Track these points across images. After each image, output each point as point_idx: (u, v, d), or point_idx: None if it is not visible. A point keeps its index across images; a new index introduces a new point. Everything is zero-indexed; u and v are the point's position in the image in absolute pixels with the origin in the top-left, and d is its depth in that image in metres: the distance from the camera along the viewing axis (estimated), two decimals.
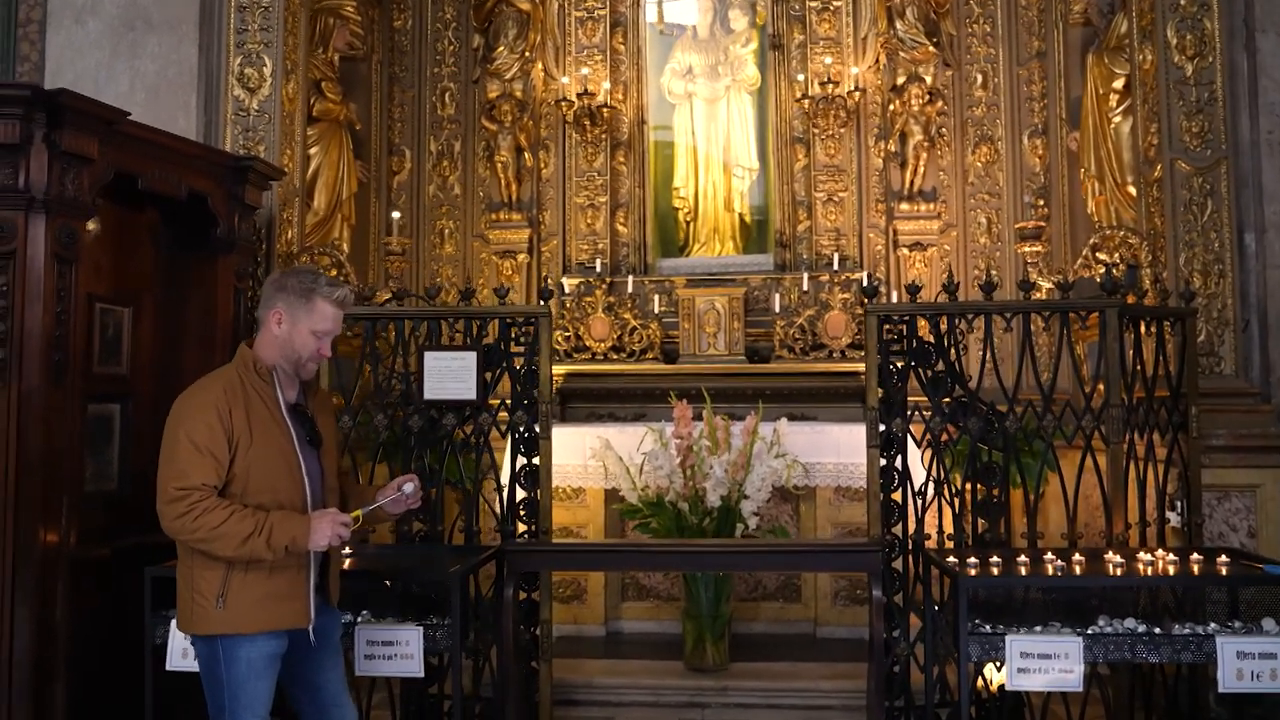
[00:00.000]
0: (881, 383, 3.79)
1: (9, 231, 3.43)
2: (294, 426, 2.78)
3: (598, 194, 6.53)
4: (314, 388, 2.95)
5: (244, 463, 2.68)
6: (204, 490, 2.60)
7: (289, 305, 2.79)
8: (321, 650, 2.89)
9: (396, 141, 6.61)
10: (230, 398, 2.71)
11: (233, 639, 2.67)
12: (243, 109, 4.85)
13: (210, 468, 2.62)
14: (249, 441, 2.69)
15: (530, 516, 3.93)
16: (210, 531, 2.58)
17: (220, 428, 2.66)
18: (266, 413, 2.75)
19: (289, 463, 2.74)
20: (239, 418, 2.69)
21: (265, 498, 2.68)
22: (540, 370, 3.92)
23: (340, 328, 2.89)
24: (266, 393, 2.76)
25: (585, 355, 6.19)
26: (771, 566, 3.55)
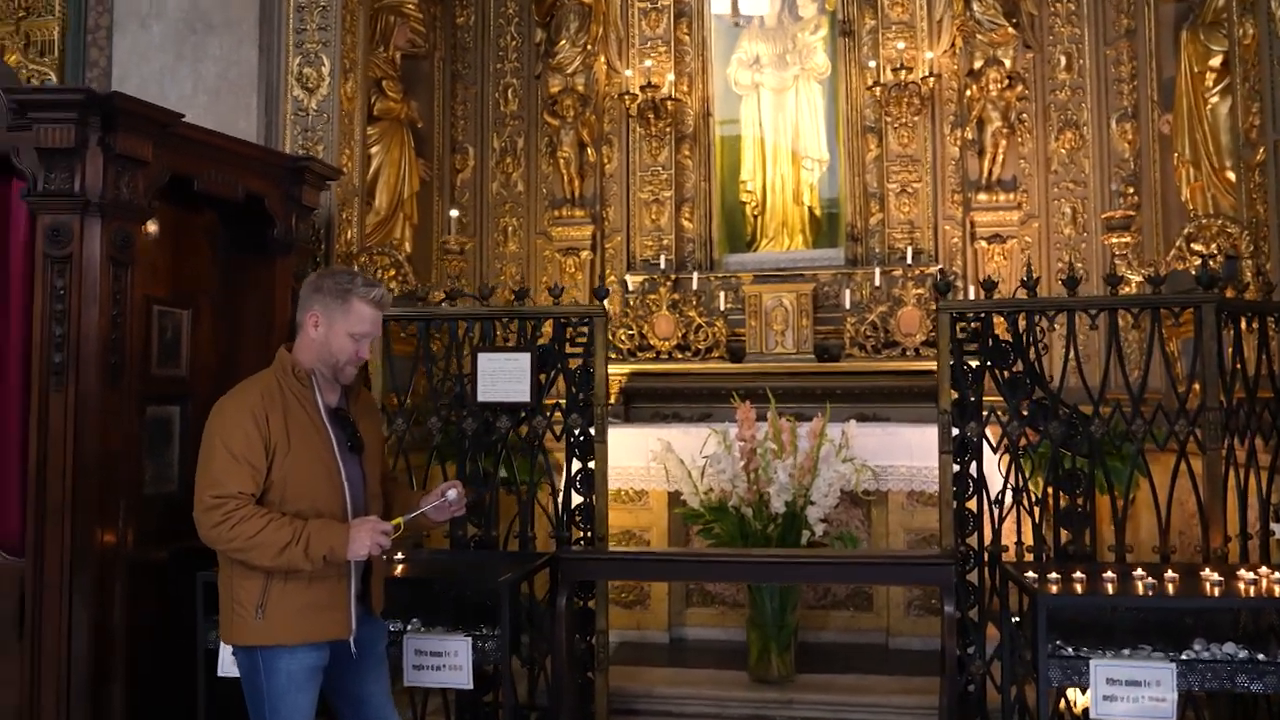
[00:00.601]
0: (955, 384, 3.57)
1: (65, 235, 3.44)
2: (334, 432, 2.70)
3: (662, 189, 6.38)
4: (356, 391, 2.87)
5: (282, 470, 2.61)
6: (240, 499, 2.54)
7: (325, 307, 2.72)
8: (365, 661, 2.81)
9: (459, 139, 6.57)
10: (268, 403, 2.64)
11: (272, 650, 2.60)
12: (302, 109, 4.84)
13: (247, 475, 2.56)
14: (286, 448, 2.62)
15: (586, 523, 3.81)
16: (247, 541, 2.52)
17: (257, 434, 2.59)
18: (305, 418, 2.67)
19: (328, 469, 2.66)
20: (276, 424, 2.62)
21: (304, 505, 2.61)
22: (595, 371, 3.80)
23: (379, 329, 2.80)
24: (306, 397, 2.69)
25: (649, 354, 6.06)
26: (835, 579, 3.37)
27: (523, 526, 3.85)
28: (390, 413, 3.95)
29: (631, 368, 6.02)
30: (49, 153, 3.42)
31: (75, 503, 3.40)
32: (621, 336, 6.08)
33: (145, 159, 3.61)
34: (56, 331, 3.45)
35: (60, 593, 3.37)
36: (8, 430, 3.54)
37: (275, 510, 2.58)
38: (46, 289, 3.44)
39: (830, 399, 5.67)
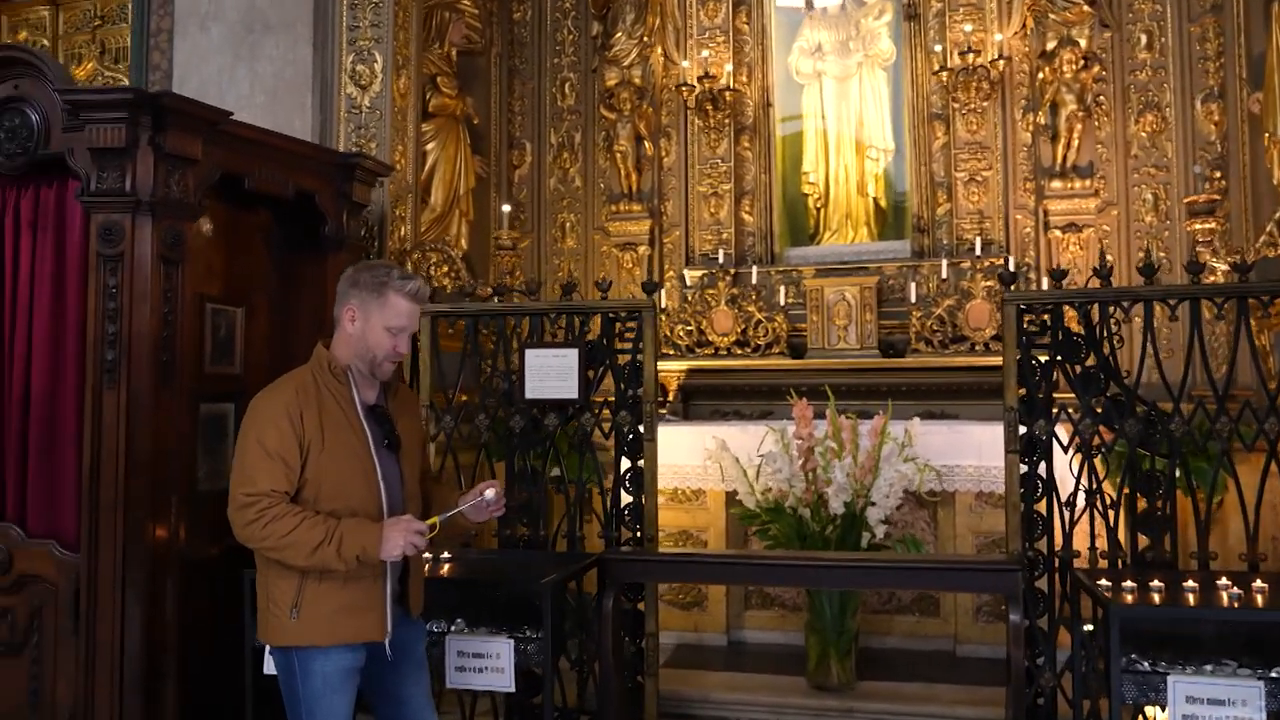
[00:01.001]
0: (1022, 380, 3.38)
1: (117, 234, 3.47)
2: (370, 429, 2.65)
3: (721, 182, 6.25)
4: (394, 387, 2.82)
5: (316, 467, 2.56)
6: (273, 497, 2.49)
7: (362, 301, 2.66)
8: (404, 663, 2.76)
9: (517, 135, 6.53)
10: (302, 400, 2.59)
11: (307, 651, 2.56)
12: (355, 106, 4.83)
13: (280, 473, 2.51)
14: (321, 445, 2.56)
15: (635, 523, 3.71)
16: (280, 540, 2.47)
17: (291, 432, 2.54)
18: (341, 415, 2.62)
19: (363, 467, 2.61)
20: (311, 421, 2.57)
21: (338, 504, 2.56)
22: (644, 367, 3.70)
23: (416, 323, 2.74)
24: (341, 394, 2.64)
25: (708, 350, 5.93)
26: (893, 584, 3.21)
27: (571, 526, 3.77)
28: (438, 410, 3.91)
29: (689, 364, 5.91)
30: (101, 152, 3.45)
31: (128, 499, 3.42)
32: (680, 333, 5.96)
33: (195, 157, 3.62)
34: (109, 329, 3.49)
35: (113, 588, 3.40)
36: (65, 427, 3.59)
37: (310, 509, 2.53)
38: (99, 287, 3.48)
39: (895, 396, 5.47)
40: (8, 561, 3.53)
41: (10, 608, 3.56)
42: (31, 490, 3.60)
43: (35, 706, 3.50)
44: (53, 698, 3.48)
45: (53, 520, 3.57)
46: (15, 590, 3.53)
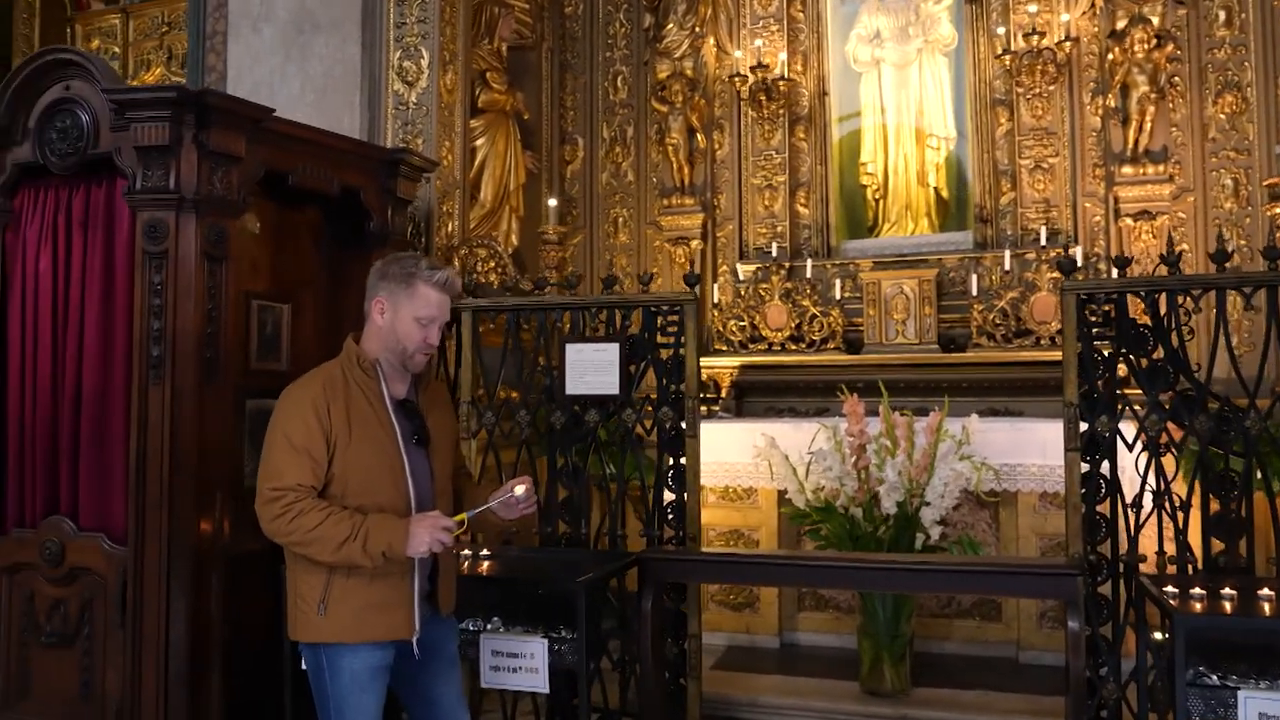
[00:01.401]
0: (1083, 374, 3.19)
1: (161, 231, 3.50)
2: (399, 424, 2.61)
3: (775, 173, 6.11)
4: (426, 382, 2.78)
5: (343, 462, 2.53)
6: (299, 491, 2.47)
7: (391, 293, 2.63)
8: (434, 662, 2.72)
9: (569, 130, 6.49)
10: (330, 394, 2.56)
11: (335, 648, 2.53)
12: (402, 103, 4.83)
13: (307, 468, 2.49)
14: (348, 440, 2.53)
15: (677, 521, 3.62)
16: (306, 534, 2.45)
17: (318, 426, 2.52)
18: (369, 409, 2.58)
19: (391, 462, 2.57)
20: (338, 415, 2.54)
21: (365, 500, 2.53)
22: (686, 361, 3.61)
23: (447, 314, 2.69)
24: (370, 388, 2.61)
25: (761, 346, 5.80)
26: (944, 588, 3.06)
27: (612, 524, 3.69)
28: (479, 407, 3.88)
29: (742, 360, 5.79)
30: (145, 150, 3.48)
31: (172, 494, 3.45)
32: (732, 328, 5.85)
33: (238, 154, 3.64)
34: (154, 326, 3.51)
35: (158, 582, 3.43)
36: (115, 423, 3.63)
37: (337, 504, 2.51)
38: (144, 284, 3.51)
39: (956, 392, 5.30)
40: (60, 554, 3.59)
41: (64, 599, 3.62)
42: (83, 485, 3.66)
43: (86, 697, 3.56)
44: (103, 689, 3.53)
45: (103, 514, 3.62)
46: (68, 582, 3.58)
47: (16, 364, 3.76)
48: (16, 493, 3.74)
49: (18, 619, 3.67)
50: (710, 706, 3.95)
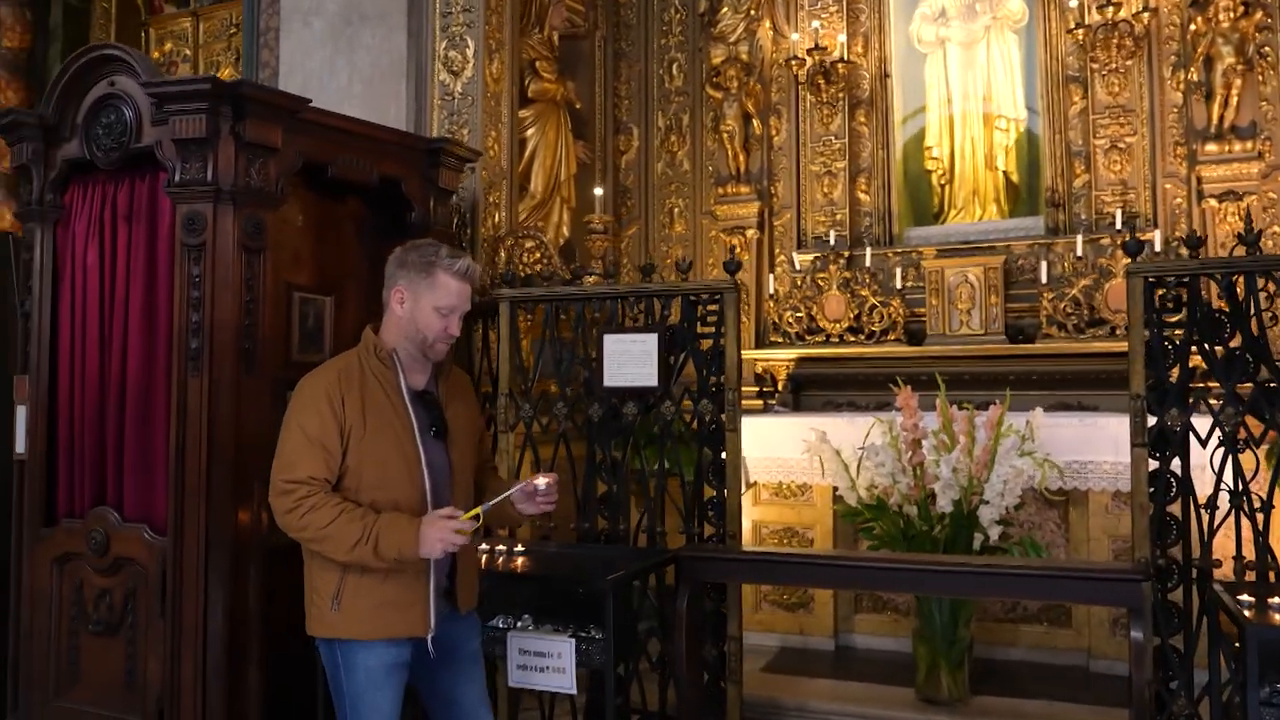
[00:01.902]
0: (1151, 363, 2.96)
1: (199, 223, 3.50)
2: (416, 415, 2.53)
3: (835, 159, 5.91)
4: (447, 373, 2.70)
5: (357, 455, 2.46)
6: (312, 485, 2.41)
7: (410, 282, 2.56)
8: (455, 661, 2.64)
9: (623, 119, 6.38)
10: (345, 384, 2.50)
11: (349, 644, 2.48)
12: (448, 93, 4.79)
13: (320, 460, 2.43)
14: (362, 431, 2.47)
15: (717, 519, 3.49)
16: (318, 532, 2.40)
17: (332, 417, 2.46)
18: (385, 400, 2.51)
19: (405, 455, 2.50)
20: (353, 406, 2.48)
21: (380, 493, 2.46)
22: (726, 352, 3.47)
23: (467, 303, 2.61)
24: (387, 379, 2.54)
25: (819, 338, 5.61)
26: (996, 592, 2.85)
27: (650, 521, 3.58)
28: (517, 399, 3.80)
29: (799, 352, 5.61)
30: (183, 143, 3.49)
31: (210, 485, 3.45)
32: (789, 319, 5.67)
33: (275, 146, 3.63)
34: (193, 318, 3.52)
35: (197, 573, 3.43)
36: (158, 414, 3.66)
37: (352, 497, 2.45)
38: (183, 276, 3.52)
39: (1024, 385, 5.05)
40: (105, 544, 3.62)
41: (109, 589, 3.66)
42: (128, 475, 3.69)
43: (130, 686, 3.59)
44: (145, 678, 3.55)
45: (147, 505, 3.64)
46: (112, 572, 3.62)
47: (66, 356, 3.82)
48: (66, 483, 3.80)
49: (68, 608, 3.72)
50: (755, 710, 3.81)
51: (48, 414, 3.83)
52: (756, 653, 4.71)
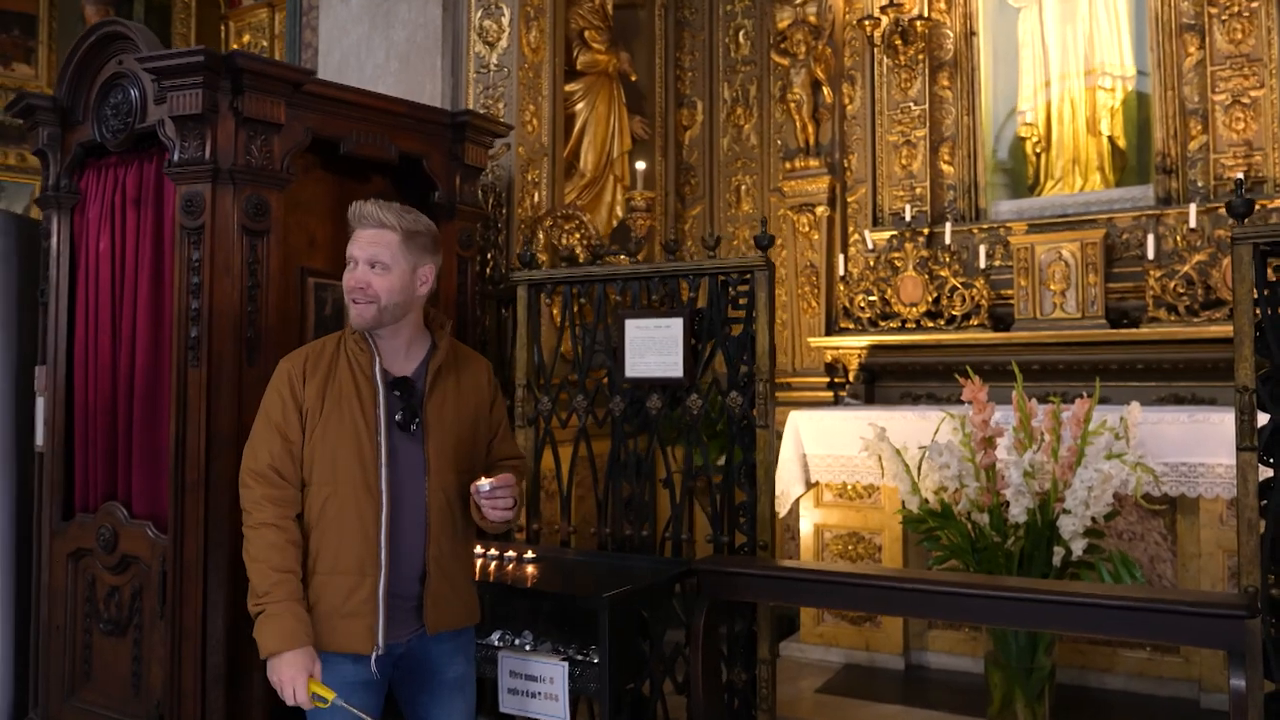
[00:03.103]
0: (1262, 349, 2.43)
1: (197, 205, 3.30)
2: (386, 403, 2.24)
3: (914, 128, 5.38)
4: (448, 357, 2.34)
5: (310, 445, 2.21)
6: (269, 483, 2.19)
7: None
8: (434, 687, 2.33)
9: (686, 92, 5.98)
10: (311, 366, 2.27)
11: None
12: (483, 65, 4.50)
13: (279, 448, 2.21)
14: (317, 417, 2.22)
15: (749, 526, 3.10)
16: (247, 553, 2.18)
17: (292, 401, 2.23)
18: (351, 386, 2.24)
19: (360, 449, 2.19)
20: (312, 389, 2.23)
21: (327, 491, 2.20)
22: (758, 338, 3.07)
23: (376, 250, 2.24)
24: (361, 362, 2.26)
25: (893, 323, 5.12)
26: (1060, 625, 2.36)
27: (675, 528, 3.21)
28: (536, 392, 3.49)
29: (871, 340, 5.12)
30: (182, 120, 3.29)
31: (209, 481, 3.26)
32: (860, 303, 5.19)
33: (277, 121, 3.40)
34: (192, 305, 3.33)
35: (196, 573, 3.25)
36: (165, 408, 3.50)
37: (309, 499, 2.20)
38: (183, 261, 3.34)
39: (1128, 375, 4.49)
40: (113, 540, 3.48)
41: (118, 587, 3.52)
42: (136, 471, 3.54)
43: (136, 689, 3.44)
44: (149, 682, 3.41)
45: (154, 501, 3.48)
46: (120, 570, 3.47)
47: (81, 347, 3.70)
48: (82, 477, 3.68)
49: (81, 605, 3.61)
50: None
51: (65, 406, 3.72)
52: (816, 670, 4.30)
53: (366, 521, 2.19)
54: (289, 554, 2.17)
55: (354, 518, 2.19)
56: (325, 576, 2.19)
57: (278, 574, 2.14)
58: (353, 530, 2.20)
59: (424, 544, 2.26)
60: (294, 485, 2.22)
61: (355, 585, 2.18)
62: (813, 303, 5.43)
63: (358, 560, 2.19)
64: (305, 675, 2.12)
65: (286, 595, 2.14)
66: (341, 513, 2.20)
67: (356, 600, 2.18)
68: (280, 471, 2.20)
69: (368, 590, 2.18)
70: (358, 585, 2.18)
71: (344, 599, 2.18)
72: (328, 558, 2.20)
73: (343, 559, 2.19)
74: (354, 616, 2.18)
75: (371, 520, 2.19)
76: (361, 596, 2.18)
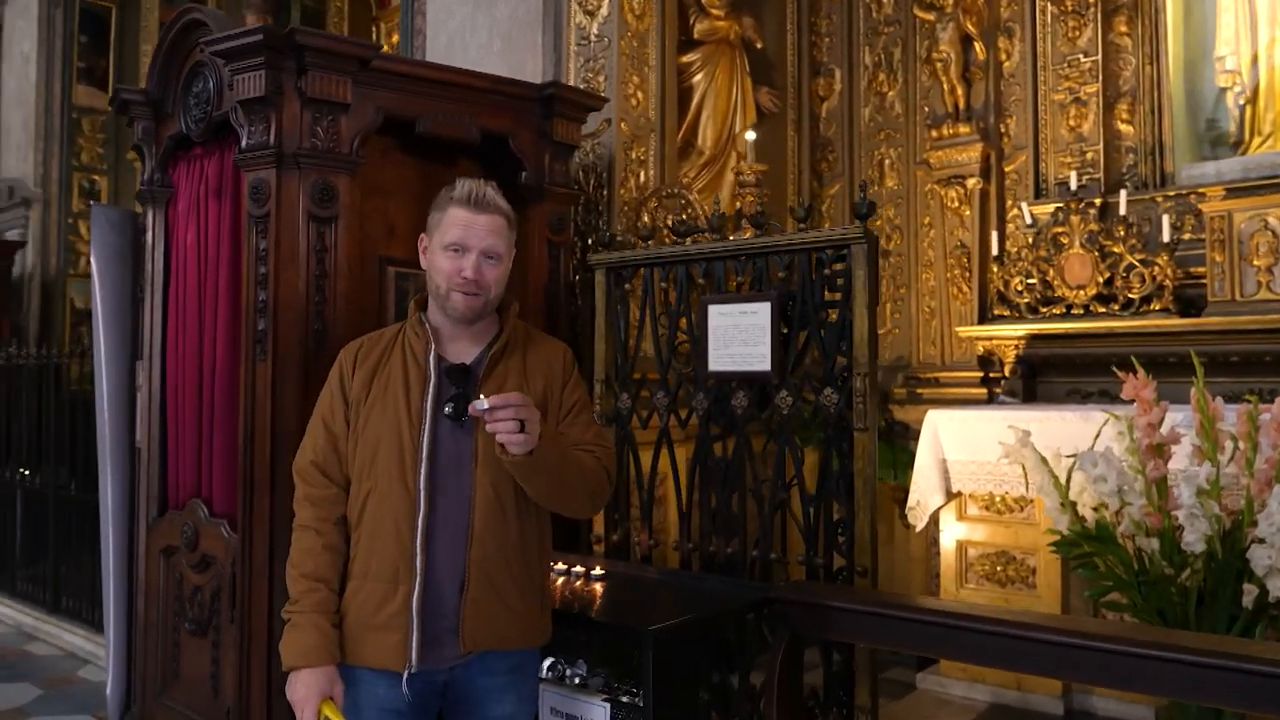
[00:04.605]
0: None
1: (263, 192, 3.15)
2: (435, 393, 1.96)
3: (1085, 83, 4.65)
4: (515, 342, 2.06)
5: (354, 437, 2.02)
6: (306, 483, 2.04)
7: (429, 227, 2.07)
8: (476, 716, 2.04)
9: (823, 60, 5.46)
10: (364, 353, 2.08)
11: (342, 669, 1.97)
12: (584, 37, 4.18)
13: (323, 442, 2.04)
14: (363, 408, 2.02)
15: (848, 547, 2.62)
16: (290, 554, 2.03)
17: (340, 390, 2.06)
18: (400, 374, 2.01)
19: (400, 440, 1.96)
20: (361, 378, 2.04)
21: (366, 486, 1.99)
22: (855, 325, 2.59)
23: (490, 241, 1.98)
24: (416, 348, 2.03)
25: (1057, 309, 4.42)
26: (1255, 703, 1.75)
27: (762, 546, 2.77)
28: (615, 388, 3.13)
29: (1030, 328, 4.45)
30: (248, 104, 3.16)
31: (274, 480, 3.11)
32: (1017, 286, 4.53)
33: (344, 100, 3.21)
34: (259, 296, 3.20)
35: (264, 574, 3.12)
36: (239, 402, 3.40)
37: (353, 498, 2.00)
38: (250, 251, 3.21)
39: None
40: (195, 539, 3.41)
41: (200, 586, 3.44)
42: (216, 468, 3.46)
43: (215, 692, 3.36)
44: (223, 685, 3.31)
45: (231, 500, 3.39)
46: (202, 569, 3.40)
47: (172, 342, 3.66)
48: (173, 473, 3.65)
49: (171, 602, 3.57)
50: None
51: (160, 401, 3.69)
52: (958, 710, 3.75)
53: (401, 522, 1.95)
54: (323, 561, 1.98)
55: (389, 518, 1.96)
56: (359, 582, 1.98)
57: (308, 582, 1.96)
58: (388, 532, 1.95)
59: (465, 547, 1.97)
60: (338, 484, 2.02)
61: (388, 594, 1.93)
62: (963, 287, 4.80)
63: (391, 566, 1.94)
64: (317, 697, 1.91)
65: (313, 606, 1.95)
66: (379, 512, 1.97)
67: (388, 611, 1.93)
68: (323, 468, 2.03)
69: (400, 601, 1.92)
70: (390, 594, 1.93)
71: (375, 609, 1.94)
72: (364, 561, 1.98)
73: (376, 564, 1.96)
74: (385, 629, 1.93)
75: (406, 521, 1.94)
76: (393, 608, 1.93)
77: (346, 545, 2.00)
